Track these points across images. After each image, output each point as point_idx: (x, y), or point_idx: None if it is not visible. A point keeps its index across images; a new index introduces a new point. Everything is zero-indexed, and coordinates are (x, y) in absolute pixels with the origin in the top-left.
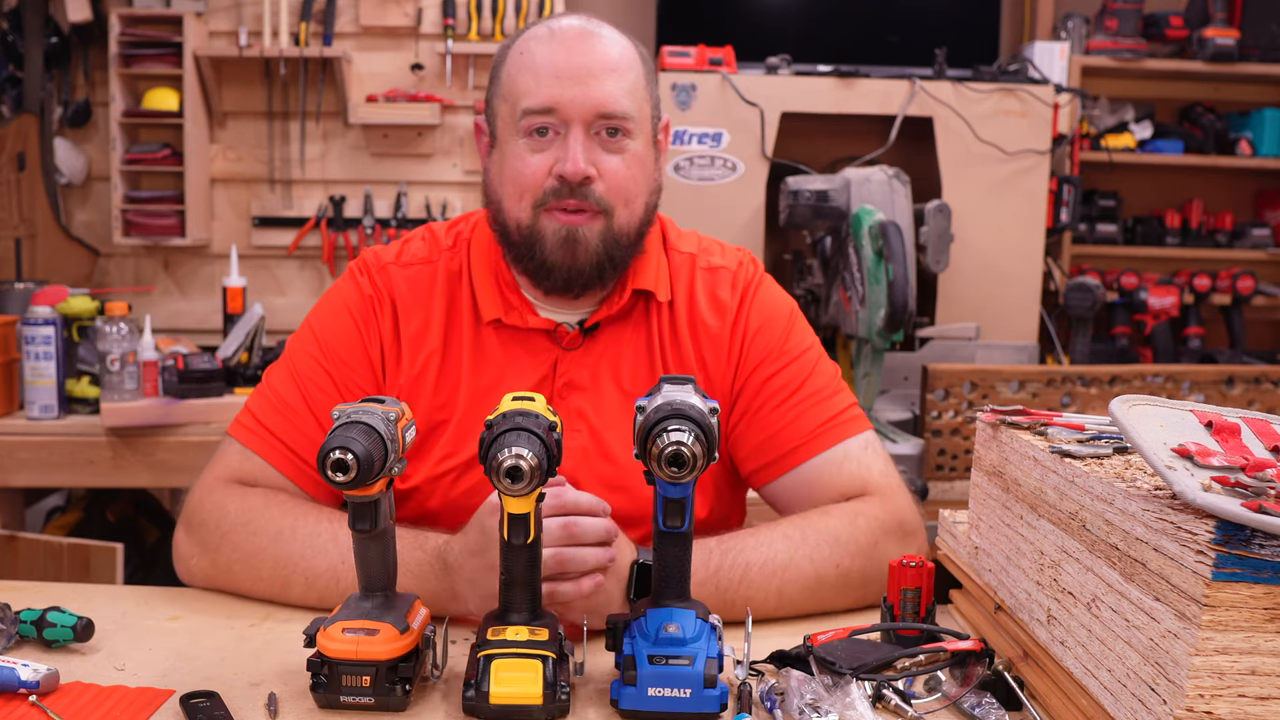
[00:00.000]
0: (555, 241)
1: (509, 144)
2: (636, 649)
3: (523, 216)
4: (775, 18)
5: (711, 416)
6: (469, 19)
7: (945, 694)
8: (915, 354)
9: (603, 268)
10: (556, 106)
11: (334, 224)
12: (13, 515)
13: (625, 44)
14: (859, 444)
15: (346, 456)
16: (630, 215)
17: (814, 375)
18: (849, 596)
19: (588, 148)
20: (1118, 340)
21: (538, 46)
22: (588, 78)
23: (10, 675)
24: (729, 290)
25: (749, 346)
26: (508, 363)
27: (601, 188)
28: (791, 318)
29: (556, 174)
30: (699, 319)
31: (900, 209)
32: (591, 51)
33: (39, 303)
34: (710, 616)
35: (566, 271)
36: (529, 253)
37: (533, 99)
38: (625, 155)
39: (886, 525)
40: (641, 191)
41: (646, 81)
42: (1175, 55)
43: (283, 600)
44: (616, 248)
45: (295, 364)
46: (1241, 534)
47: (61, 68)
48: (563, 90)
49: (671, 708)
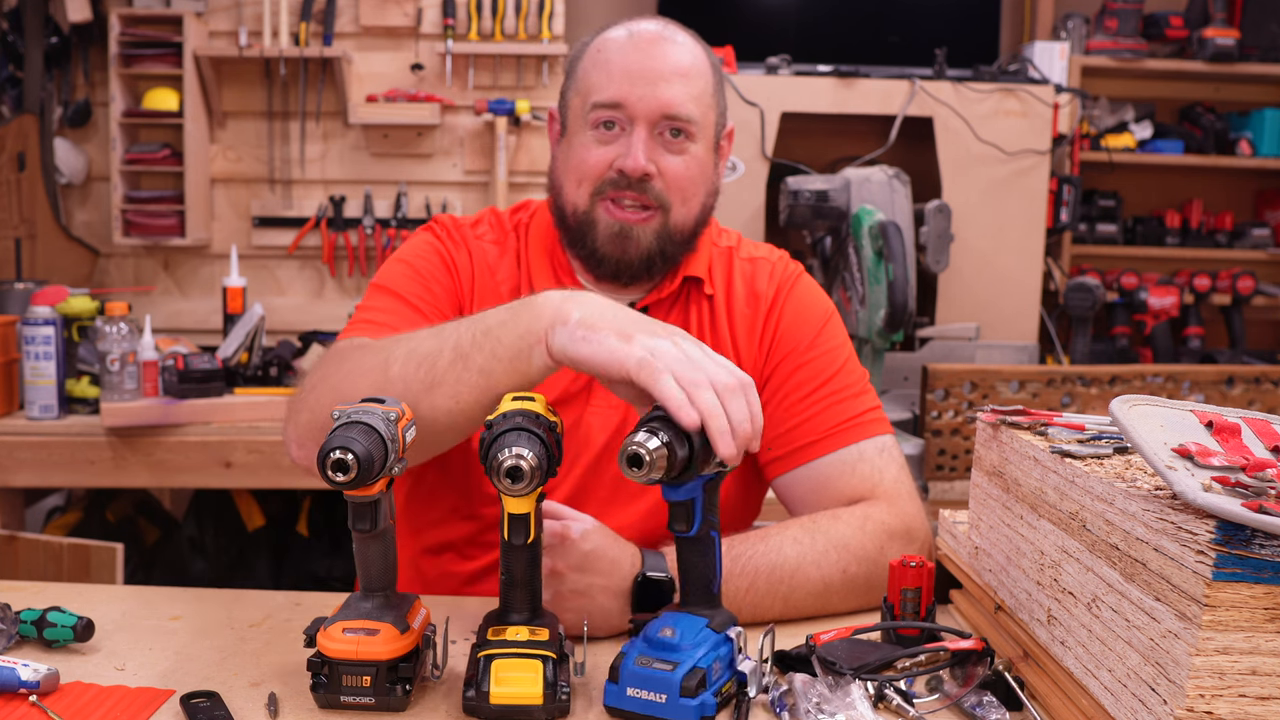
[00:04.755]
0: (608, 234)
1: (578, 134)
2: (631, 648)
3: (580, 202)
4: (775, 18)
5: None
6: (469, 19)
7: (946, 694)
8: (915, 354)
9: (653, 262)
10: (624, 103)
11: (334, 224)
12: (13, 515)
13: (698, 51)
14: (875, 447)
15: (346, 456)
16: (687, 213)
17: (840, 374)
18: (853, 601)
19: (649, 146)
20: (1118, 340)
21: (614, 46)
22: (657, 79)
23: (10, 675)
24: (767, 281)
25: (780, 337)
26: None
27: (660, 184)
28: (827, 316)
29: (618, 167)
30: (735, 308)
31: (900, 209)
32: (664, 56)
33: (39, 303)
34: (730, 629)
35: (616, 264)
36: (582, 239)
37: (602, 94)
38: (686, 156)
39: (894, 531)
40: (699, 192)
41: (715, 89)
42: (1175, 55)
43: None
44: (670, 243)
45: (393, 284)
46: (1242, 534)
47: (61, 68)
48: (632, 88)
49: (647, 710)
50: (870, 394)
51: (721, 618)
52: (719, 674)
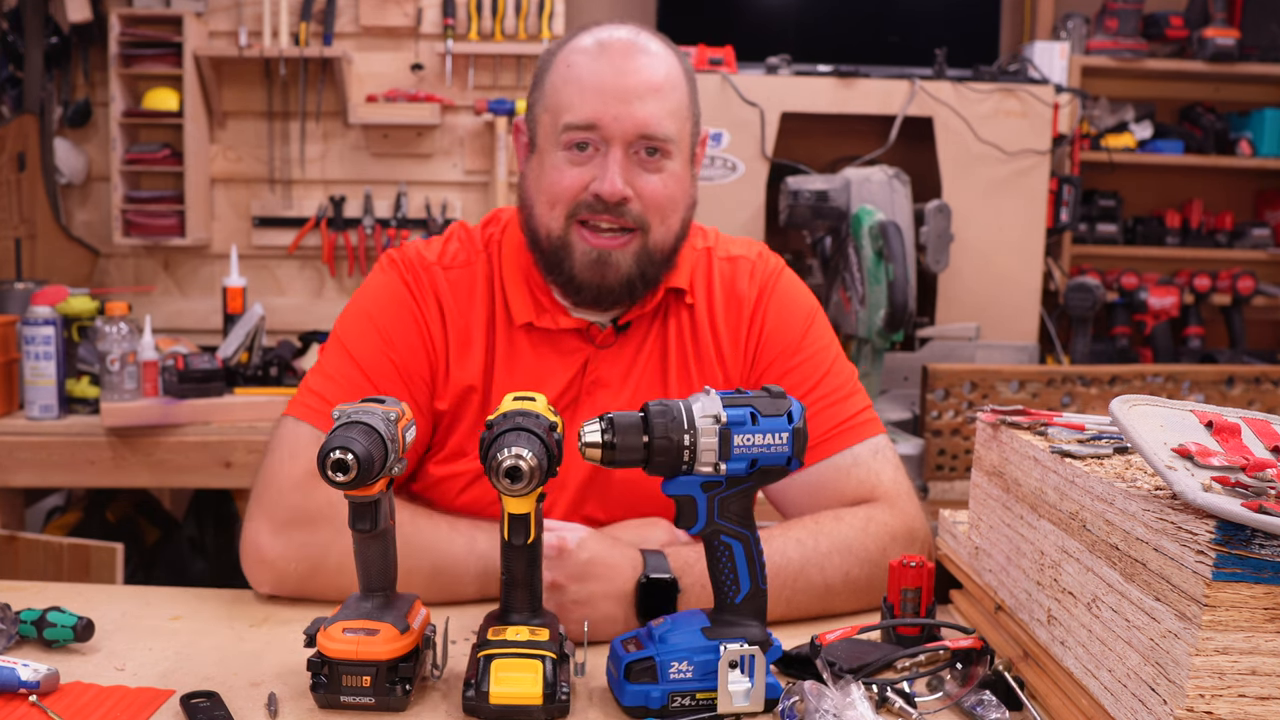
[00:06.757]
0: (585, 261)
1: (549, 154)
2: (651, 628)
3: (554, 226)
4: (775, 18)
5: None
6: (469, 19)
7: (946, 694)
8: (915, 354)
9: (634, 285)
10: (598, 123)
11: (334, 224)
12: (13, 515)
13: (671, 61)
14: (869, 449)
15: (346, 456)
16: (666, 232)
17: (829, 375)
18: (855, 603)
19: (625, 167)
20: (1118, 340)
21: (584, 60)
22: (632, 98)
23: (10, 675)
24: (748, 281)
25: (766, 340)
26: (539, 364)
27: (638, 206)
28: (811, 315)
29: (593, 191)
30: (716, 313)
31: (900, 209)
32: (638, 71)
33: (39, 303)
34: (732, 643)
35: (596, 290)
36: (558, 265)
37: (575, 114)
38: (663, 175)
39: (896, 533)
40: (679, 209)
41: (690, 100)
42: (1175, 55)
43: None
44: (650, 264)
45: (355, 349)
46: (1241, 534)
47: (61, 68)
48: (605, 108)
49: (610, 682)
50: (860, 394)
51: (734, 630)
52: (686, 677)
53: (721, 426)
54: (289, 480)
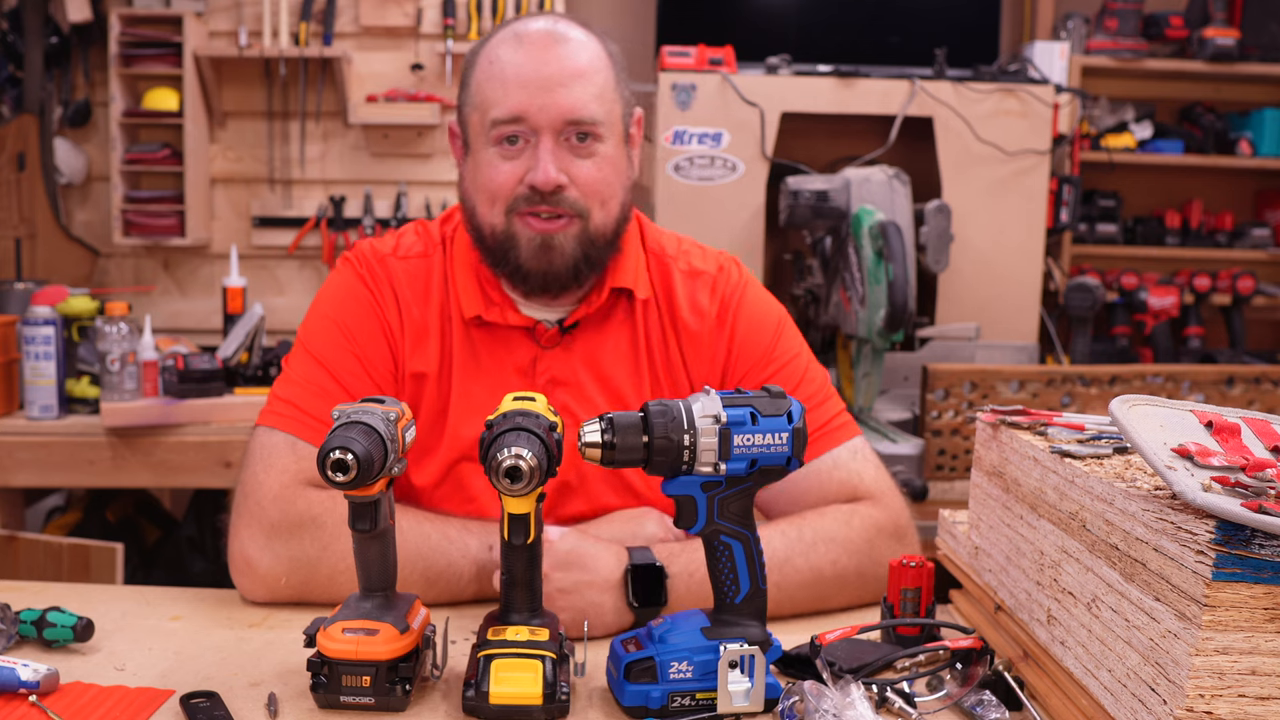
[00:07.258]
0: (530, 248)
1: (481, 152)
2: (651, 628)
3: (496, 222)
4: (775, 18)
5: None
6: (469, 19)
7: (947, 693)
8: (915, 354)
9: (579, 269)
10: (525, 115)
11: (334, 224)
12: (13, 515)
13: (593, 46)
14: (847, 452)
15: (346, 456)
16: (606, 215)
17: (803, 383)
18: (846, 594)
19: (557, 155)
20: (1118, 340)
21: (505, 54)
22: (555, 86)
23: (10, 675)
24: (708, 296)
25: (736, 355)
26: (490, 358)
27: (575, 193)
28: (779, 324)
29: (528, 183)
30: (681, 320)
31: (900, 209)
32: (559, 59)
33: (39, 303)
34: (732, 643)
35: (543, 276)
36: (504, 256)
37: (501, 109)
38: (596, 158)
39: (882, 525)
40: (616, 191)
41: (616, 81)
42: (1175, 55)
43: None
44: (593, 248)
45: (319, 352)
46: (1241, 534)
47: (61, 68)
48: (530, 99)
49: (610, 682)
50: (834, 398)
51: (734, 630)
52: (686, 677)
53: (721, 426)
54: (268, 492)
